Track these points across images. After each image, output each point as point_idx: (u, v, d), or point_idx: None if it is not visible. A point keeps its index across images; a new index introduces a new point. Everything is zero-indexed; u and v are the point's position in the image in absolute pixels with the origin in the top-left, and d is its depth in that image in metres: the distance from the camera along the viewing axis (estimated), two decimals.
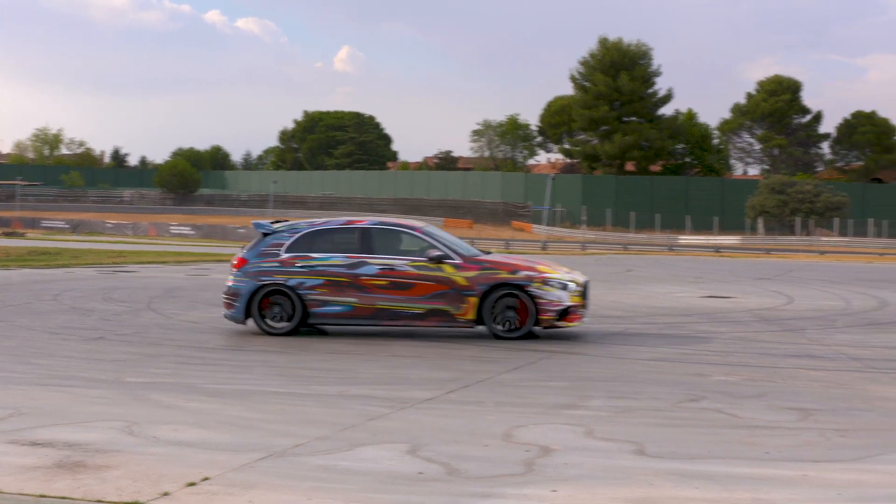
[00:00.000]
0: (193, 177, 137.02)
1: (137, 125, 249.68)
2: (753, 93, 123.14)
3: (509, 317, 15.69)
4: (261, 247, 16.34)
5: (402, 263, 15.86)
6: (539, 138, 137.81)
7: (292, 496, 6.89)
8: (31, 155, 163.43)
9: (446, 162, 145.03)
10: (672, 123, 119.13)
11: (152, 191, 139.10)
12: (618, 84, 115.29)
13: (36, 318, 18.09)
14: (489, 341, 15.43)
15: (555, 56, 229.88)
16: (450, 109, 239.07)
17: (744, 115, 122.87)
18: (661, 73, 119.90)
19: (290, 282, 15.92)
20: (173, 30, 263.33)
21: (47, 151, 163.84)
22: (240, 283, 16.16)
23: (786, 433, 9.21)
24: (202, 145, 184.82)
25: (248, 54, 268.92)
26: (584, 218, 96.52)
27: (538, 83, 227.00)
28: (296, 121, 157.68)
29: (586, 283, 16.37)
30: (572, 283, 15.85)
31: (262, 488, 7.05)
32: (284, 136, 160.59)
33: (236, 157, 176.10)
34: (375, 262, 15.88)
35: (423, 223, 16.87)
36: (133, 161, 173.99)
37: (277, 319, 15.99)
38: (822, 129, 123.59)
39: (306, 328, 16.36)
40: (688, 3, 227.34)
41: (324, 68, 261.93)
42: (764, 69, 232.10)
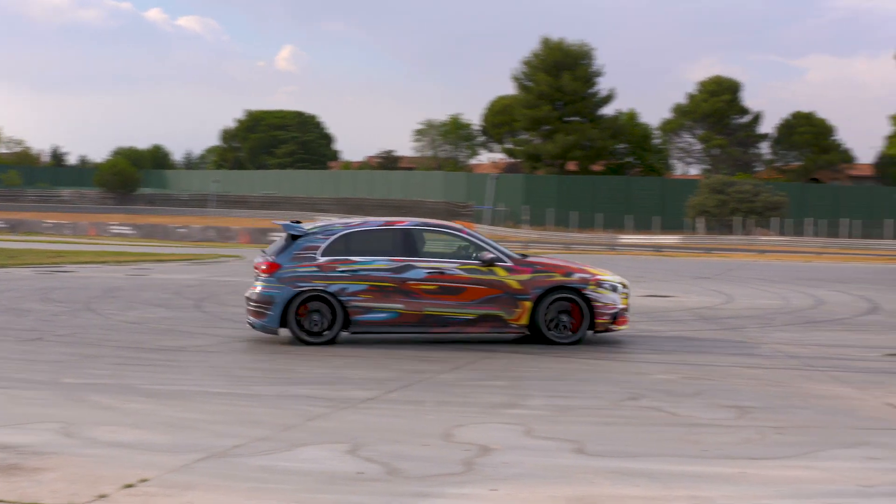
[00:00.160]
0: (134, 176, 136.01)
1: (77, 124, 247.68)
2: (694, 93, 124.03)
3: (564, 321, 15.15)
4: (293, 250, 15.09)
5: (452, 266, 15.06)
6: (481, 138, 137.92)
7: (231, 497, 6.85)
8: None
9: (388, 161, 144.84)
10: (613, 123, 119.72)
11: (92, 190, 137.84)
12: (560, 84, 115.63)
13: None
14: (429, 341, 15.41)
15: (497, 56, 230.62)
16: (392, 109, 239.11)
17: (685, 116, 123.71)
18: (603, 74, 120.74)
19: (332, 287, 14.81)
20: (113, 27, 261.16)
21: None
22: (273, 289, 14.87)
23: (724, 431, 9.30)
24: (143, 144, 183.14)
25: (189, 53, 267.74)
26: (525, 217, 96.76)
27: (480, 83, 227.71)
28: (238, 120, 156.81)
29: (629, 284, 16.00)
30: (620, 285, 15.48)
31: (200, 489, 7.00)
32: (226, 135, 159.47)
33: (177, 156, 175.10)
34: (423, 266, 15.00)
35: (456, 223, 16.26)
36: (72, 160, 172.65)
37: (316, 328, 14.89)
38: (761, 130, 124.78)
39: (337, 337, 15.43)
40: (629, 3, 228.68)
41: (266, 67, 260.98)
42: (705, 69, 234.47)
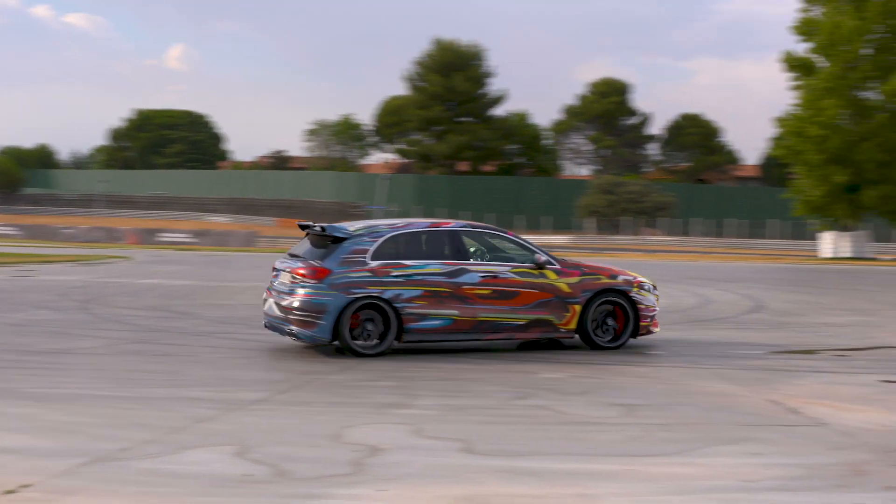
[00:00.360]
0: (18, 175, 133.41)
1: None
2: (585, 94, 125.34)
3: (610, 325, 14.93)
4: (341, 254, 13.95)
5: (505, 270, 14.47)
6: (373, 138, 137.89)
7: (116, 501, 6.76)
8: None
9: (280, 161, 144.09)
10: (505, 124, 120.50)
11: None
12: (452, 85, 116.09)
13: None
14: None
15: (390, 56, 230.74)
16: (283, 109, 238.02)
17: (575, 117, 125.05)
18: (495, 74, 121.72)
19: (386, 294, 13.83)
20: None
21: None
22: (324, 296, 13.66)
23: (611, 429, 9.41)
24: (28, 143, 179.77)
25: (76, 50, 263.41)
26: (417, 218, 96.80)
27: (373, 83, 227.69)
28: (127, 119, 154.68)
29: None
30: (653, 287, 15.41)
31: (85, 494, 6.89)
32: (115, 134, 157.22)
33: (64, 155, 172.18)
34: (477, 270, 14.33)
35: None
36: None
37: (370, 338, 13.90)
38: (650, 131, 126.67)
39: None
40: (522, 5, 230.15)
41: (155, 66, 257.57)
42: (595, 71, 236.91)
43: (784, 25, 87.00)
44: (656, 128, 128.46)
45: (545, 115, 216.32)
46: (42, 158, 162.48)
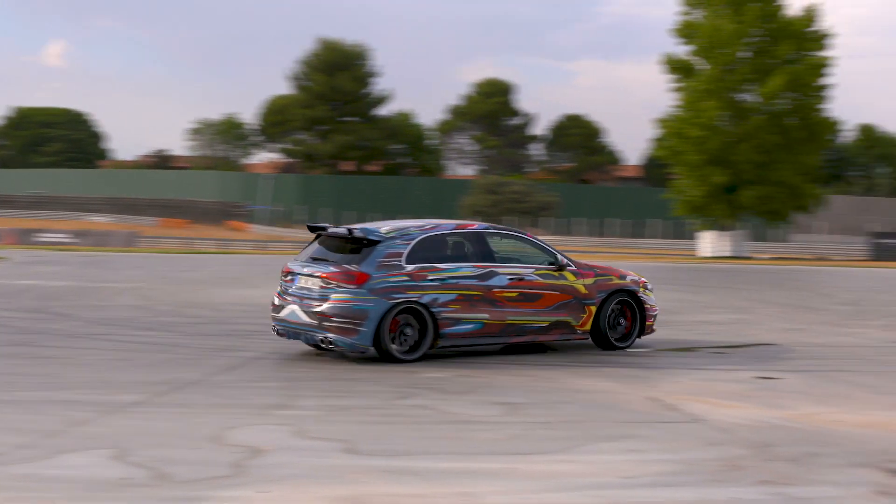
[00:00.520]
0: None
1: None
2: (470, 95, 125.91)
3: (621, 325, 15.01)
4: (376, 257, 13.41)
5: (529, 272, 14.33)
6: (257, 137, 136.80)
7: None
8: None
9: (162, 161, 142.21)
10: (389, 124, 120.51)
11: None
12: (336, 84, 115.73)
13: None
14: (205, 342, 15.19)
15: (274, 55, 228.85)
16: (166, 108, 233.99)
17: (460, 117, 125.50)
18: (380, 74, 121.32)
19: (424, 298, 13.44)
20: None
21: None
22: (365, 302, 13.13)
23: (493, 427, 9.46)
24: None
25: None
26: (301, 218, 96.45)
27: (257, 82, 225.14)
28: (4, 117, 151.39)
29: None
30: (650, 286, 15.56)
31: None
32: None
33: None
34: (505, 272, 14.12)
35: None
36: None
37: (408, 344, 13.50)
38: (534, 131, 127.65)
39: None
40: (407, 5, 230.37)
41: (33, 62, 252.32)
42: (480, 72, 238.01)
43: (665, 28, 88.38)
44: (540, 128, 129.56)
45: (430, 115, 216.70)
46: None
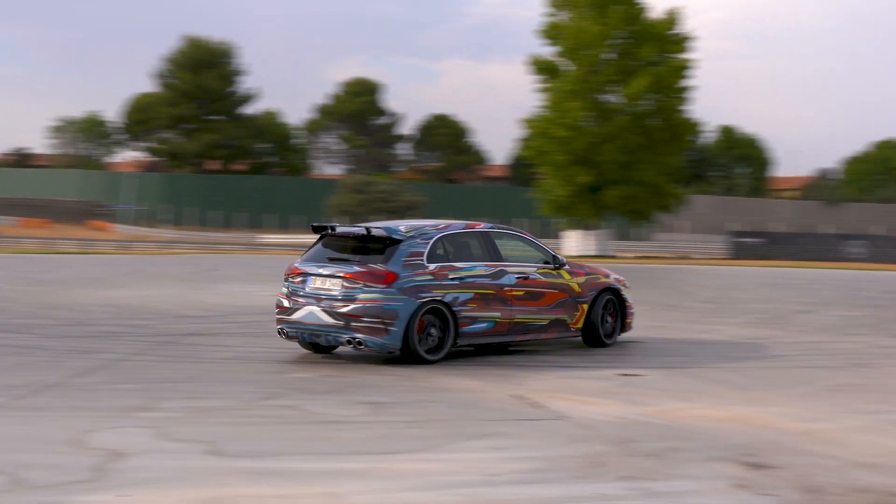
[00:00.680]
0: None
1: None
2: (337, 94, 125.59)
3: (608, 323, 15.44)
4: (401, 256, 13.31)
5: (533, 271, 14.55)
6: (121, 136, 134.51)
7: None
8: None
9: (22, 159, 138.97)
10: (256, 123, 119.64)
11: None
12: (202, 82, 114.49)
13: None
14: (66, 344, 14.88)
15: (138, 52, 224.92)
16: (26, 105, 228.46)
17: (328, 116, 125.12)
18: (247, 72, 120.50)
19: (447, 297, 13.45)
20: None
21: None
22: (395, 301, 13.00)
23: (359, 427, 9.46)
24: None
25: None
26: (165, 217, 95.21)
27: (120, 79, 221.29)
28: None
29: None
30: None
31: None
32: None
33: None
34: (513, 271, 14.30)
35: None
36: None
37: (433, 344, 13.47)
38: (401, 131, 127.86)
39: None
40: (273, 3, 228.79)
41: None
42: (348, 71, 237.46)
43: (531, 29, 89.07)
44: (407, 128, 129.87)
45: (297, 114, 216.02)
46: None
